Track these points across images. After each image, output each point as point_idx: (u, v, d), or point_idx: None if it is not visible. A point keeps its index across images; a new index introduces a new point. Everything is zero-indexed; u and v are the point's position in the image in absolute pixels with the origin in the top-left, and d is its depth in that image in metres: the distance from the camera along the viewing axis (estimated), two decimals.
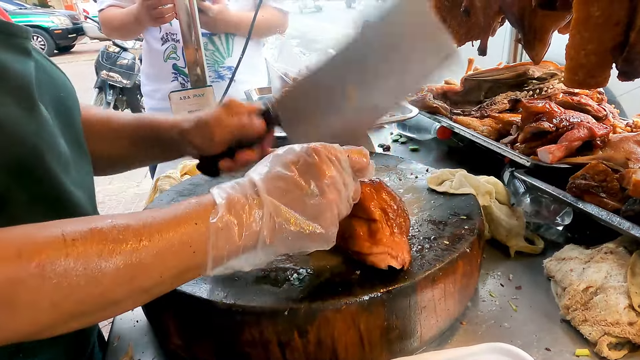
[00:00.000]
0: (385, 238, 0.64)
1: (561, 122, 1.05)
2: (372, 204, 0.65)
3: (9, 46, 0.59)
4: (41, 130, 0.59)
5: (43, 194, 0.61)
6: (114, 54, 6.61)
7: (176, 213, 0.51)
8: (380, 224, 0.65)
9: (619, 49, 0.66)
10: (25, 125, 0.57)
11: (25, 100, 0.58)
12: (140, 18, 1.66)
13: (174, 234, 0.49)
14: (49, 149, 0.60)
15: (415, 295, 0.65)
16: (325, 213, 0.55)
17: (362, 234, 0.65)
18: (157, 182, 1.18)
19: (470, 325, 0.76)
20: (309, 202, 0.54)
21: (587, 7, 0.66)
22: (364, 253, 0.65)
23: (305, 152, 0.57)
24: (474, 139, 1.21)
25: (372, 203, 0.65)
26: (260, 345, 0.62)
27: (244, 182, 0.55)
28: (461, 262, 0.71)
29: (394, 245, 0.64)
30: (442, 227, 0.78)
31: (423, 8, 0.72)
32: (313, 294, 0.63)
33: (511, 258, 0.93)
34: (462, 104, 1.43)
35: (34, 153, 0.58)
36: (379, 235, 0.65)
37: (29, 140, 0.57)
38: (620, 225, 0.77)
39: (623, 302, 0.70)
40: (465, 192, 0.89)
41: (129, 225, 0.48)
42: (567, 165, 0.97)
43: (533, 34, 0.87)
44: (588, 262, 0.79)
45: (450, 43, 0.73)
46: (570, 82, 0.72)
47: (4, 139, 0.54)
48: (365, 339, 0.63)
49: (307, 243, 0.55)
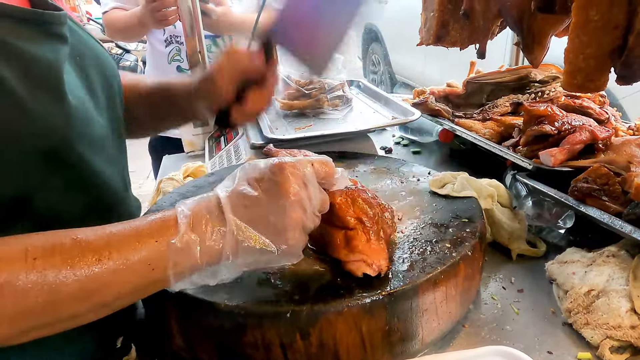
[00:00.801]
0: (361, 245, 0.65)
1: (563, 125, 1.05)
2: (348, 212, 0.66)
3: (41, 34, 0.60)
4: (70, 119, 0.61)
5: (77, 179, 0.64)
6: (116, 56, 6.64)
7: (138, 229, 0.53)
8: (356, 232, 0.65)
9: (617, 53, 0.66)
10: (54, 117, 0.59)
11: (54, 91, 0.59)
12: (144, 20, 1.67)
13: (133, 252, 0.51)
14: (79, 136, 0.62)
15: (416, 298, 0.65)
16: (289, 231, 0.55)
17: (339, 242, 0.66)
18: (160, 184, 1.19)
19: (472, 328, 0.76)
20: (272, 221, 0.55)
21: (586, 11, 0.66)
22: (342, 260, 0.66)
23: (270, 170, 0.57)
24: (476, 142, 1.21)
25: (348, 212, 0.66)
26: (262, 347, 0.62)
27: (209, 198, 0.56)
28: (463, 265, 0.71)
29: (370, 253, 0.64)
30: (444, 230, 0.79)
31: None
32: (315, 297, 0.63)
33: (513, 261, 0.93)
34: (464, 106, 1.44)
35: (64, 142, 0.60)
36: (354, 243, 0.65)
37: (59, 131, 0.59)
38: (622, 229, 0.77)
39: (625, 306, 0.70)
40: (467, 195, 0.90)
41: (90, 243, 0.50)
42: (569, 168, 0.97)
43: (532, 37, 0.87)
44: (590, 265, 0.79)
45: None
46: (569, 86, 0.72)
47: (36, 130, 0.56)
48: (367, 341, 0.64)
49: (273, 258, 0.56)
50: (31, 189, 0.58)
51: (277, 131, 1.26)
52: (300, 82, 1.40)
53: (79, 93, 0.66)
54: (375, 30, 5.67)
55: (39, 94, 0.57)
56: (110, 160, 0.72)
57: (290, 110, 1.40)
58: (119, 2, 1.81)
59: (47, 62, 0.59)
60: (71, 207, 0.65)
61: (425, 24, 1.19)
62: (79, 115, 0.63)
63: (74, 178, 0.64)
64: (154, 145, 2.03)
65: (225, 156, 1.33)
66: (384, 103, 1.45)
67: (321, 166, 0.61)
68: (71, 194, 0.64)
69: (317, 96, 1.37)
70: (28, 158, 0.56)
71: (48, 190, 0.60)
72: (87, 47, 0.73)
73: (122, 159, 0.81)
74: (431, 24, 1.14)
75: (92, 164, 0.66)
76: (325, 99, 1.37)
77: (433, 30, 1.13)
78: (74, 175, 0.63)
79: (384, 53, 5.50)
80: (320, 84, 1.39)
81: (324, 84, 1.39)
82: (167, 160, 1.61)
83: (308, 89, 1.37)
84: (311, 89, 1.37)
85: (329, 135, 1.21)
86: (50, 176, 0.60)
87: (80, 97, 0.65)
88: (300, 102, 1.38)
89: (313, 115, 1.37)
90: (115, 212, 0.75)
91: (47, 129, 0.57)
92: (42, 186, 0.59)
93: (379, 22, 5.57)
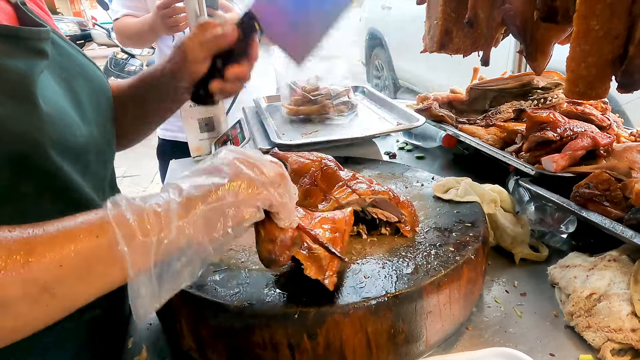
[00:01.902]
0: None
1: (565, 131, 1.07)
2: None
3: (18, 49, 0.62)
4: (44, 125, 0.60)
5: (49, 186, 0.62)
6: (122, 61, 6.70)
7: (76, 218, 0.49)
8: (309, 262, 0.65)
9: (618, 62, 0.68)
10: (25, 122, 0.58)
11: (24, 98, 0.59)
12: (155, 27, 1.69)
13: (70, 220, 0.47)
14: (53, 143, 0.61)
15: (421, 300, 0.67)
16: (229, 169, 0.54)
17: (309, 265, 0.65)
18: None
19: (476, 330, 0.77)
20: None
21: (587, 21, 0.68)
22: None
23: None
24: (479, 148, 1.23)
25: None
26: (270, 347, 0.64)
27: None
28: (466, 269, 0.72)
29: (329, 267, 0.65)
30: (448, 234, 0.80)
31: None
32: (322, 298, 0.64)
33: (516, 265, 0.94)
34: (467, 112, 1.45)
35: (36, 148, 0.59)
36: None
37: (30, 136, 0.58)
38: (623, 234, 0.78)
39: (626, 309, 0.71)
40: (470, 200, 0.91)
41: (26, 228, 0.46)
42: (571, 174, 0.99)
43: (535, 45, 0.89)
44: (592, 269, 0.80)
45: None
46: (571, 93, 0.73)
47: (3, 135, 0.56)
48: (373, 342, 0.65)
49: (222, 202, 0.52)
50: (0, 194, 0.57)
51: (284, 136, 1.27)
52: (306, 88, 1.42)
53: (59, 102, 0.66)
54: (379, 36, 5.70)
55: (7, 101, 0.57)
56: (90, 171, 0.70)
57: (296, 115, 1.42)
58: (130, 10, 1.84)
59: (18, 72, 0.60)
60: (44, 215, 0.62)
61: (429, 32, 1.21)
62: (55, 122, 0.62)
63: (46, 186, 0.62)
64: (162, 149, 2.05)
65: None
66: (388, 109, 1.47)
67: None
68: (44, 203, 0.62)
69: (323, 102, 1.39)
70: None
71: (18, 198, 0.59)
72: (73, 62, 0.74)
73: (105, 171, 0.79)
74: (435, 32, 1.16)
75: (67, 172, 0.64)
76: (330, 105, 1.39)
77: (437, 38, 1.15)
78: (46, 183, 0.62)
79: (388, 58, 5.53)
80: (326, 90, 1.41)
81: (330, 90, 1.41)
82: (174, 165, 1.63)
83: (314, 95, 1.39)
84: (317, 95, 1.39)
85: (335, 140, 1.23)
86: (20, 182, 0.59)
87: (60, 106, 0.65)
88: (306, 108, 1.40)
89: (319, 120, 1.39)
90: None
91: (14, 134, 0.57)
92: (11, 192, 0.58)
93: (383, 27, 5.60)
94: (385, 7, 5.38)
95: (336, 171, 0.87)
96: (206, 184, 0.52)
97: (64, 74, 0.70)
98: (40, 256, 0.43)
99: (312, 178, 0.85)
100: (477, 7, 1.00)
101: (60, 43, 0.73)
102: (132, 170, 5.11)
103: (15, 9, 0.69)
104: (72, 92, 0.71)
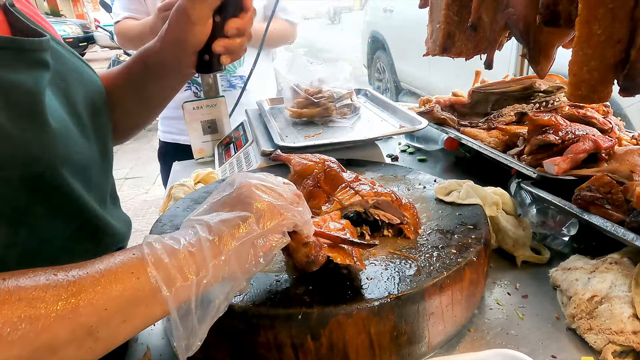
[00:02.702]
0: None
1: (567, 134, 1.07)
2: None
3: (21, 62, 0.60)
4: (55, 143, 0.60)
5: (61, 204, 0.63)
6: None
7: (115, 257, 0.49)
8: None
9: (620, 66, 0.68)
10: (37, 143, 0.58)
11: (35, 117, 0.59)
12: (156, 29, 1.70)
13: (111, 258, 0.48)
14: (63, 160, 0.61)
15: (423, 301, 0.67)
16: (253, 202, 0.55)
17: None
18: (171, 191, 1.21)
19: (478, 332, 0.78)
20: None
21: (589, 26, 0.68)
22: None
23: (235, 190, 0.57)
24: (481, 150, 1.24)
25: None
26: (274, 348, 0.64)
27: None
28: (468, 271, 0.73)
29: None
30: (450, 237, 0.81)
31: None
32: (325, 299, 0.65)
33: (518, 267, 0.94)
34: (469, 115, 1.46)
35: (49, 168, 0.59)
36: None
37: (43, 156, 0.59)
38: (625, 237, 0.79)
39: (627, 312, 0.71)
40: (472, 203, 0.92)
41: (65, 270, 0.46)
42: (573, 177, 0.99)
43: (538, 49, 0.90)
44: (593, 272, 0.81)
45: None
46: (574, 97, 0.74)
47: (18, 158, 0.56)
48: (376, 343, 0.66)
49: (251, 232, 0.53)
50: (16, 217, 0.57)
51: (287, 139, 1.28)
52: (309, 90, 1.42)
53: (62, 117, 0.65)
54: (381, 38, 5.72)
55: (20, 122, 0.56)
56: (94, 184, 0.71)
57: (299, 118, 1.43)
58: (130, 12, 1.85)
59: (27, 89, 0.59)
60: (56, 234, 0.64)
61: (431, 36, 1.22)
62: (62, 139, 0.62)
63: (58, 204, 0.62)
64: (163, 151, 2.06)
65: (236, 163, 1.36)
66: (391, 111, 1.48)
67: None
68: (56, 220, 0.63)
69: (326, 105, 1.39)
70: (11, 186, 0.55)
71: (33, 218, 0.59)
72: (69, 68, 0.72)
73: (107, 181, 0.79)
74: (437, 36, 1.16)
75: (76, 188, 0.64)
76: (333, 108, 1.40)
77: (439, 42, 1.15)
78: (58, 201, 0.62)
79: (390, 61, 5.54)
80: (329, 93, 1.41)
81: (333, 93, 1.42)
82: (177, 167, 1.64)
83: (317, 98, 1.40)
84: (320, 98, 1.40)
85: (338, 143, 1.24)
86: (34, 203, 0.59)
87: (63, 121, 0.65)
88: (309, 111, 1.40)
89: (322, 123, 1.40)
90: (102, 236, 0.74)
91: (30, 157, 0.57)
92: (27, 214, 0.58)
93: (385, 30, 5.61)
94: (387, 10, 5.40)
95: (339, 173, 0.87)
96: (233, 219, 0.53)
97: (62, 83, 0.68)
98: (87, 300, 0.43)
99: (315, 180, 0.86)
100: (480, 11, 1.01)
101: (56, 48, 0.70)
102: (134, 172, 5.13)
103: (5, 12, 0.65)
104: (71, 103, 0.69)
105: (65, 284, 0.43)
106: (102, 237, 0.74)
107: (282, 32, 1.94)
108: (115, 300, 0.45)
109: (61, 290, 0.43)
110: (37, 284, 0.42)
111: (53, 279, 0.43)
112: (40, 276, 0.43)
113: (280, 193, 0.58)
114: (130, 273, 0.46)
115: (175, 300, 0.48)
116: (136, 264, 0.47)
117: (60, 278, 0.44)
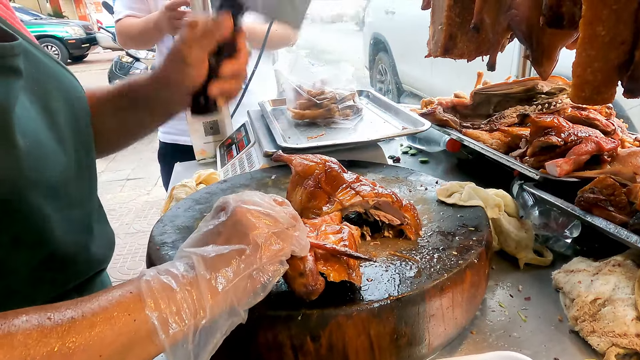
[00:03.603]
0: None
1: (569, 136, 1.07)
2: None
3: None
4: (21, 165, 0.56)
5: (28, 233, 0.59)
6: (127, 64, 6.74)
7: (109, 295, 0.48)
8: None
9: (624, 67, 0.68)
10: (1, 166, 0.54)
11: (1, 136, 0.54)
12: (160, 25, 1.70)
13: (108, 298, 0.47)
14: (32, 183, 0.57)
15: (423, 303, 0.67)
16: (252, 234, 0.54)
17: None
18: (173, 191, 1.21)
19: (480, 334, 0.77)
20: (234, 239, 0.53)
21: (593, 27, 0.68)
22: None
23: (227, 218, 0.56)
24: (483, 152, 1.23)
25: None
26: (274, 349, 0.64)
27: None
28: (469, 273, 0.72)
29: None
30: (451, 238, 0.80)
31: None
32: (325, 301, 0.65)
33: (520, 270, 0.94)
34: (471, 117, 1.46)
35: (14, 193, 0.55)
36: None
37: (8, 178, 0.54)
38: (628, 239, 0.78)
39: (630, 314, 0.71)
40: (474, 204, 0.91)
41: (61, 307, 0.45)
42: (576, 179, 0.99)
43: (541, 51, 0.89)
44: (596, 274, 0.80)
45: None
46: (577, 98, 0.73)
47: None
48: (375, 344, 0.65)
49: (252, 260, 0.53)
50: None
51: (290, 140, 1.28)
52: (311, 92, 1.42)
53: (35, 130, 0.60)
54: (382, 40, 5.72)
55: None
56: (72, 203, 0.65)
57: (301, 119, 1.42)
58: (132, 11, 1.85)
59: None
60: (20, 266, 0.60)
61: (433, 37, 1.22)
62: (32, 159, 0.57)
63: (24, 232, 0.58)
64: (163, 152, 2.06)
65: (238, 164, 1.36)
66: (393, 113, 1.47)
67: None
68: (20, 250, 0.58)
69: (328, 106, 1.39)
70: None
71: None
72: (47, 74, 0.67)
73: (90, 197, 0.74)
74: (439, 37, 1.16)
75: (47, 214, 0.60)
76: (336, 109, 1.40)
77: (441, 43, 1.15)
78: (24, 229, 0.58)
79: (391, 63, 5.54)
80: (331, 94, 1.41)
81: (335, 94, 1.41)
82: (179, 168, 1.64)
83: (319, 99, 1.40)
84: (322, 99, 1.40)
85: (341, 144, 1.23)
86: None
87: (37, 137, 0.60)
88: (312, 112, 1.40)
89: (324, 124, 1.40)
90: (72, 265, 0.69)
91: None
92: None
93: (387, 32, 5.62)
94: (389, 12, 5.40)
95: (340, 173, 0.87)
96: (229, 253, 0.52)
97: (38, 90, 0.63)
98: (82, 347, 0.42)
99: (316, 180, 0.86)
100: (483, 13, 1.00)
101: (31, 50, 0.65)
102: (136, 173, 5.14)
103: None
104: (48, 113, 0.64)
105: (59, 330, 0.42)
106: (72, 265, 0.69)
107: (283, 34, 1.94)
108: (110, 346, 0.44)
109: (55, 337, 0.42)
110: (31, 328, 0.41)
111: (47, 324, 0.42)
112: (33, 318, 0.42)
113: (276, 218, 0.56)
114: (126, 314, 0.45)
115: (171, 342, 0.47)
116: (133, 304, 0.46)
117: (55, 322, 0.43)
